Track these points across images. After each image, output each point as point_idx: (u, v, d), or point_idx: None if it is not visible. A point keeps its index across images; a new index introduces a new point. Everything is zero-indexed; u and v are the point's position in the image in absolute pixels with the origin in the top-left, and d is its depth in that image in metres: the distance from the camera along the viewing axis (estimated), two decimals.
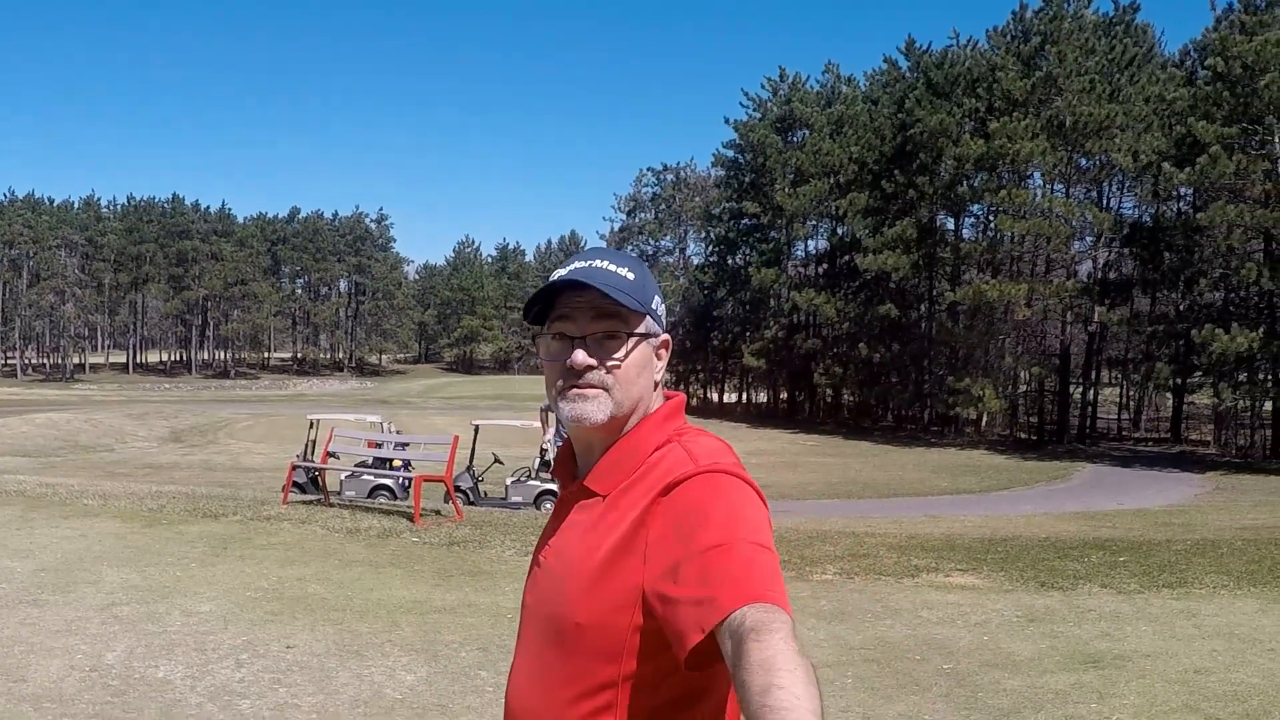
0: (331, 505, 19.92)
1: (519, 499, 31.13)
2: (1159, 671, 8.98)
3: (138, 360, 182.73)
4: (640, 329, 2.50)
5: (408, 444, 29.57)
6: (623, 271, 2.49)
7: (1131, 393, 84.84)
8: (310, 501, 21.59)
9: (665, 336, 2.59)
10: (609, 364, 2.45)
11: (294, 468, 21.87)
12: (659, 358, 2.58)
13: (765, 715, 1.81)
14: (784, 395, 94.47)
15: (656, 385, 2.57)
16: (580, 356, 2.45)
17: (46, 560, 12.89)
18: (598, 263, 2.52)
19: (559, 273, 2.54)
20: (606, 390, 2.45)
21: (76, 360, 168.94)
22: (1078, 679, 8.75)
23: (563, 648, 2.37)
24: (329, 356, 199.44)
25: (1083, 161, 68.68)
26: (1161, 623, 10.80)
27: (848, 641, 9.92)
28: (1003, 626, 10.58)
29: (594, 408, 2.45)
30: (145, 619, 10.26)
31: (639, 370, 2.49)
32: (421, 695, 8.43)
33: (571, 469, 2.66)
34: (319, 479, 22.87)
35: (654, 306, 2.53)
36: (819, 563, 13.34)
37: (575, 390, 2.46)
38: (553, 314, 2.53)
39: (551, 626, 2.42)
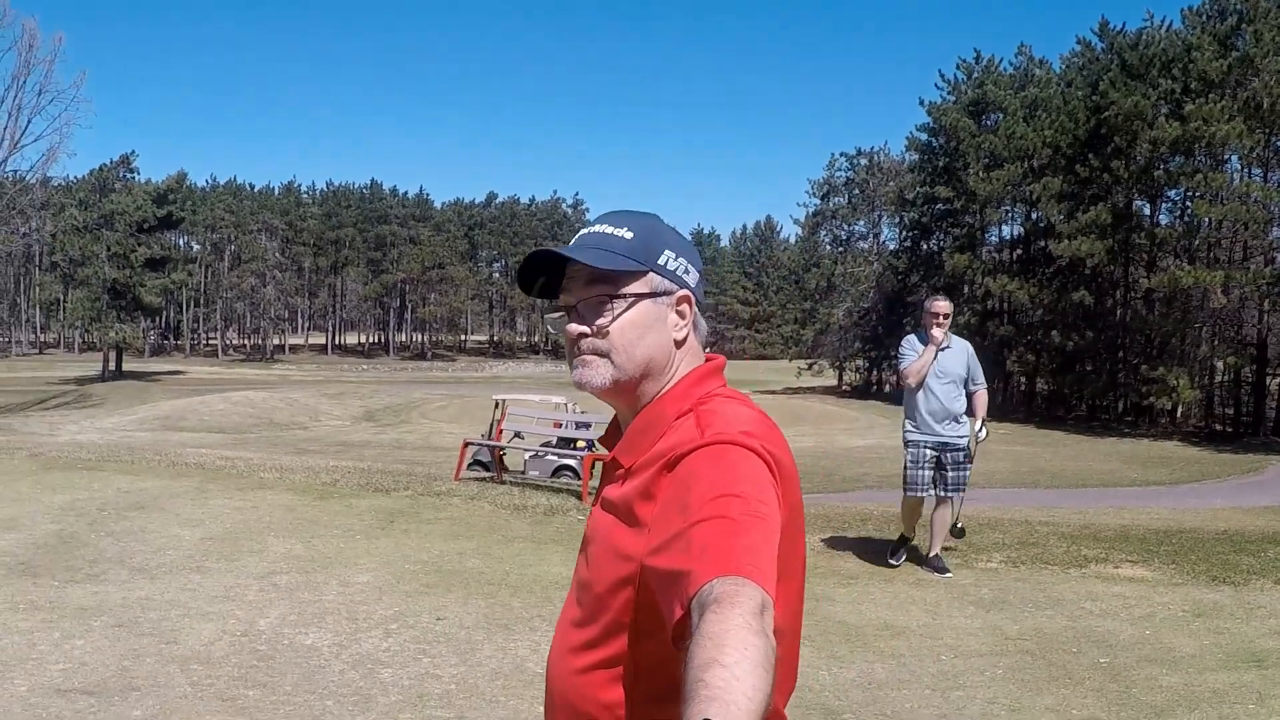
0: (504, 483, 20.06)
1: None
2: None
3: (336, 342, 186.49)
4: (637, 288, 2.46)
5: (590, 425, 29.74)
6: (620, 232, 2.49)
7: None
8: (484, 479, 21.75)
9: (683, 292, 2.51)
10: (598, 327, 2.45)
11: (466, 445, 21.99)
12: (682, 315, 2.51)
13: (697, 691, 1.72)
14: None
15: (681, 344, 2.51)
16: (572, 326, 2.49)
17: (215, 529, 13.19)
18: (598, 227, 2.54)
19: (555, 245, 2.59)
20: (605, 355, 2.46)
21: (276, 341, 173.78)
22: (1238, 678, 8.49)
23: (583, 618, 2.41)
24: (525, 340, 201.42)
25: None
26: None
27: (1004, 631, 9.81)
28: (1167, 621, 10.32)
29: (592, 373, 2.48)
30: (303, 588, 10.57)
31: (640, 331, 2.46)
32: None
33: (614, 439, 2.64)
34: (498, 457, 23.04)
35: (662, 262, 2.49)
36: (985, 550, 13.22)
37: (577, 358, 2.50)
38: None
39: (581, 596, 2.45)
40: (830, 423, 72.65)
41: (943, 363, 11.80)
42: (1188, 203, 71.62)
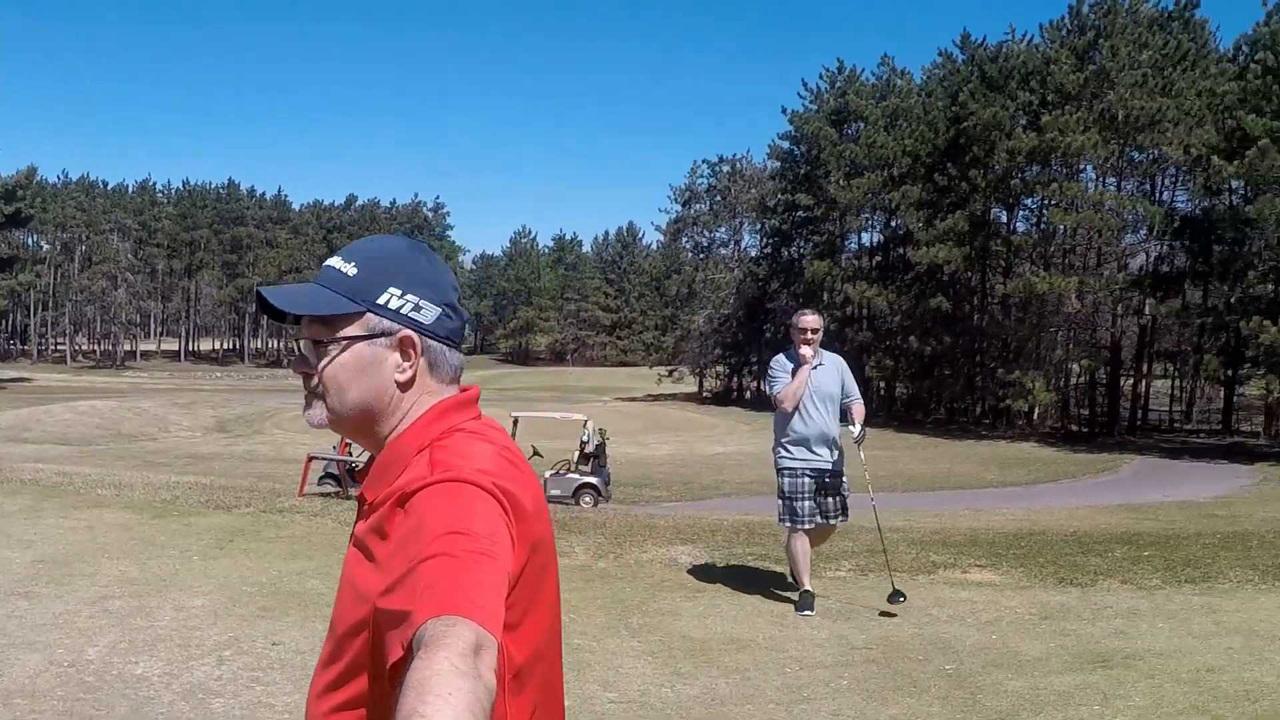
0: (349, 498, 19.26)
1: (558, 492, 31.07)
2: (1169, 671, 8.72)
3: (190, 348, 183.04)
4: (352, 329, 2.36)
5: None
6: (345, 268, 2.39)
7: (1182, 385, 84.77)
8: (329, 494, 21.38)
9: (405, 333, 2.36)
10: (314, 369, 2.40)
11: (310, 459, 21.86)
12: (406, 356, 2.37)
13: None
14: None
15: (406, 385, 2.40)
16: (295, 365, 2.47)
17: (47, 551, 12.54)
18: (332, 260, 2.44)
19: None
20: (320, 397, 2.40)
21: (127, 347, 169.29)
22: (1084, 679, 8.52)
23: (329, 657, 2.34)
24: None
25: (1134, 155, 68.99)
26: (1179, 620, 10.52)
27: (851, 641, 9.74)
28: (1013, 625, 10.37)
29: (313, 413, 2.44)
30: (135, 613, 10.02)
31: (351, 374, 2.37)
32: None
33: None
34: (344, 471, 22.80)
35: (382, 301, 2.36)
36: (835, 559, 13.10)
37: (305, 395, 2.46)
38: None
39: (329, 634, 2.36)
40: (690, 430, 72.75)
41: (817, 382, 11.01)
42: (1043, 211, 72.78)
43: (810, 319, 11.22)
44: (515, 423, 33.21)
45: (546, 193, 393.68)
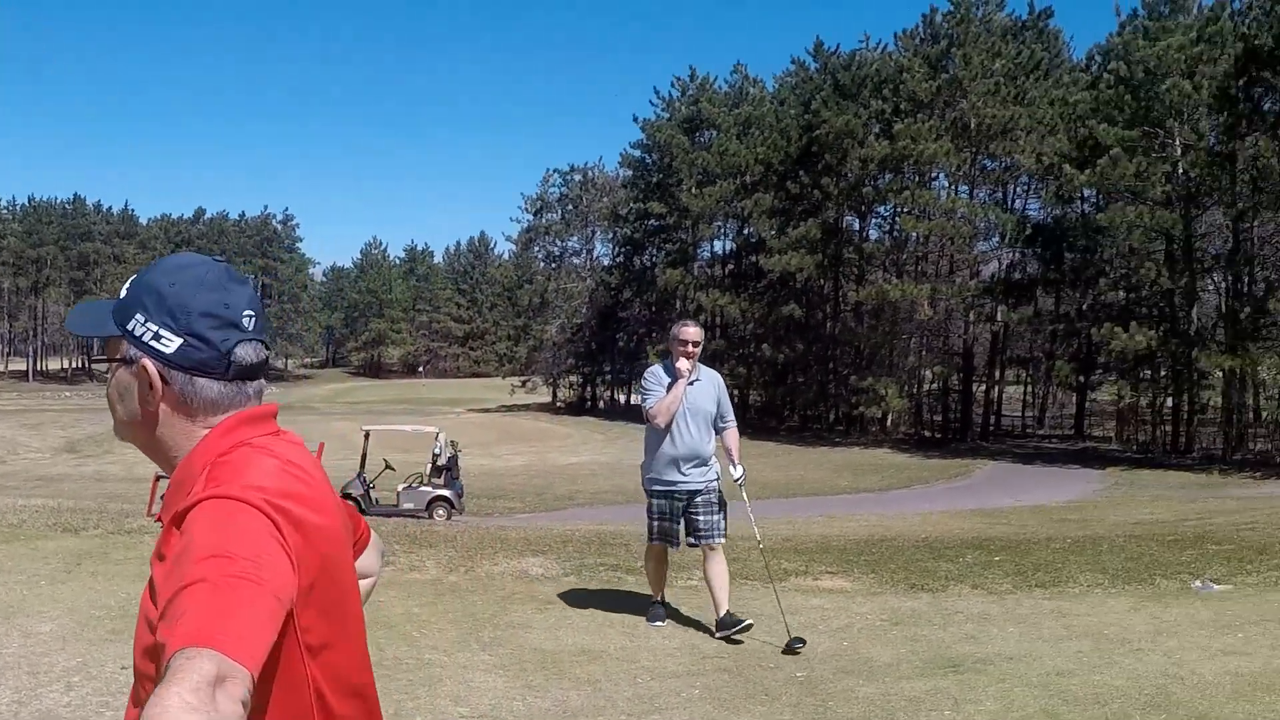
0: None
1: (411, 505, 31.45)
2: (1020, 675, 8.86)
3: (38, 368, 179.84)
4: (121, 353, 2.34)
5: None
6: (122, 291, 2.38)
7: (1035, 391, 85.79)
8: None
9: (143, 362, 2.29)
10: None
11: (158, 478, 21.23)
12: (147, 385, 2.31)
13: None
14: None
15: (166, 414, 2.33)
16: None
17: None
18: (128, 280, 2.42)
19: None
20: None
21: None
22: (935, 685, 8.59)
23: (134, 693, 2.25)
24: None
25: (987, 163, 69.82)
26: (1029, 624, 10.71)
27: (702, 650, 9.70)
28: (865, 631, 10.42)
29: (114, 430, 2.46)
30: None
31: (117, 397, 2.38)
32: None
33: None
34: None
35: (130, 328, 2.31)
36: (686, 568, 12.85)
37: None
38: None
39: (134, 667, 2.24)
40: (544, 440, 73.57)
41: (692, 398, 10.34)
42: (896, 218, 73.55)
43: (692, 330, 10.48)
44: (367, 436, 33.32)
45: (398, 203, 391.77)
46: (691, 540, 10.45)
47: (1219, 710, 7.88)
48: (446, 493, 32.51)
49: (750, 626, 9.93)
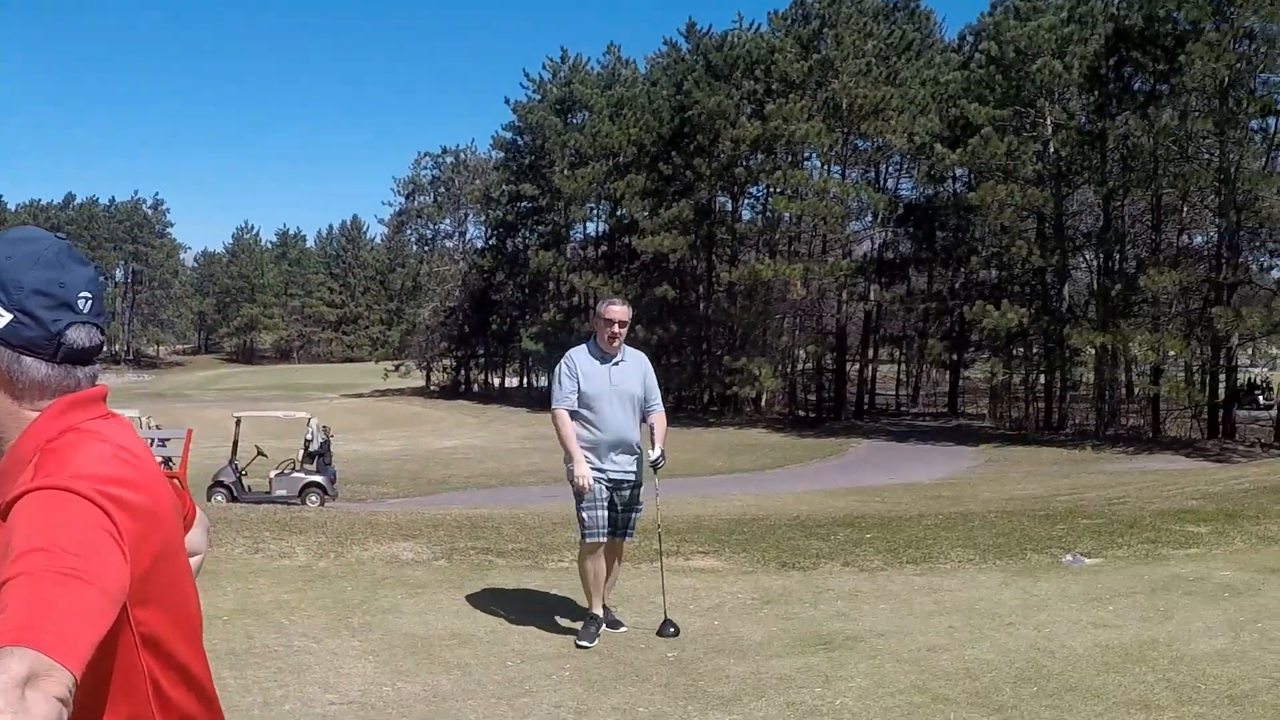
0: None
1: (283, 492, 31.41)
2: (891, 651, 8.87)
3: None
4: None
5: (168, 440, 28.82)
6: None
7: (908, 369, 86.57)
8: None
9: None
10: None
11: None
12: None
13: None
14: None
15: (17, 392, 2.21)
16: None
17: None
18: None
19: None
20: None
21: None
22: (805, 662, 8.56)
23: None
24: (106, 349, 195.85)
25: (859, 143, 70.27)
26: (900, 600, 10.73)
27: (573, 631, 9.53)
28: (736, 610, 10.36)
29: None
30: None
31: None
32: None
33: None
34: None
35: None
36: (558, 550, 12.97)
37: None
38: None
39: None
40: (417, 425, 73.69)
41: (617, 381, 9.67)
42: (769, 199, 73.55)
43: (618, 309, 9.74)
44: (238, 423, 33.21)
45: (269, 187, 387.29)
46: (615, 533, 9.80)
47: (1089, 682, 8.02)
48: (319, 479, 32.26)
49: (624, 630, 9.62)
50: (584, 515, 9.54)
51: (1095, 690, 7.82)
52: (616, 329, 9.57)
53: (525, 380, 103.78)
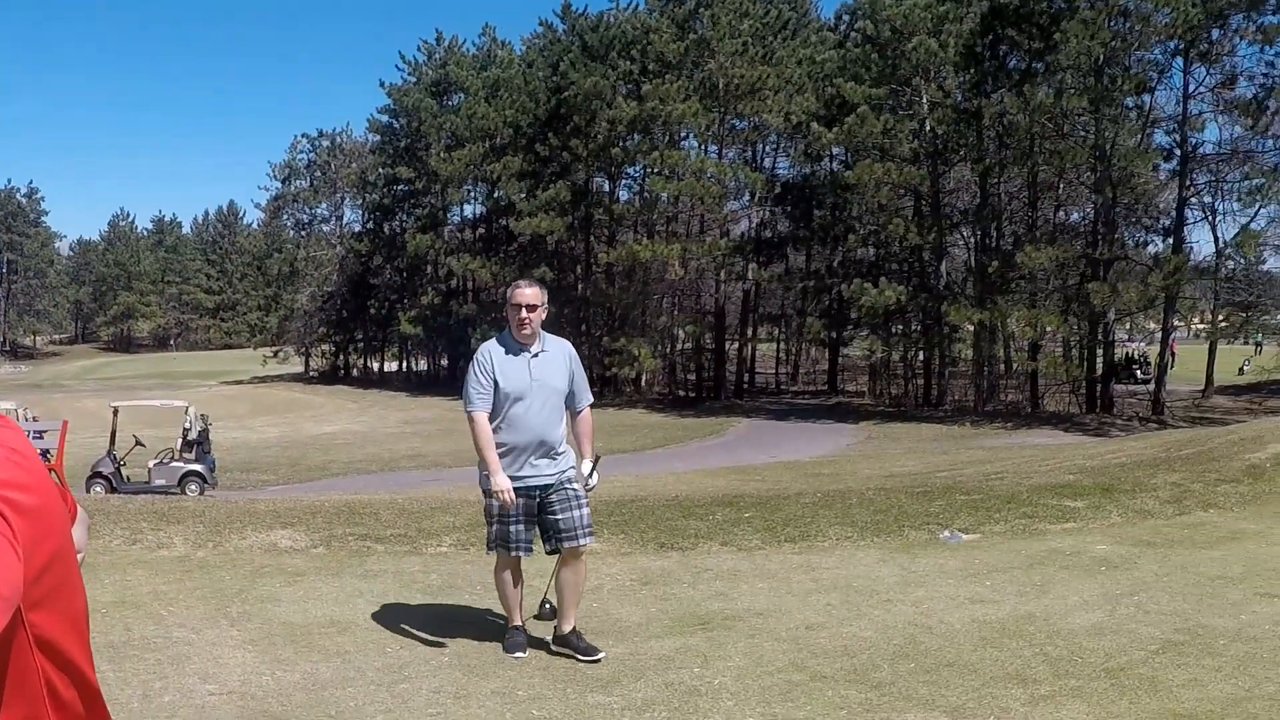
0: None
1: (162, 481, 31.39)
2: (769, 630, 8.95)
3: None
4: None
5: (45, 432, 28.52)
6: None
7: (788, 348, 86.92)
8: None
9: None
10: None
11: None
12: None
13: None
14: (444, 362, 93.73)
15: None
16: None
17: None
18: None
19: None
20: None
21: None
22: (684, 642, 8.65)
23: None
24: None
25: (736, 123, 70.07)
26: (778, 579, 10.79)
27: (452, 616, 9.54)
28: (615, 592, 10.41)
29: None
30: None
31: None
32: None
33: None
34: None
35: None
36: (436, 534, 12.87)
37: None
38: None
39: None
40: (297, 410, 73.10)
41: (539, 373, 8.48)
42: (646, 179, 73.60)
43: (527, 292, 8.49)
44: (116, 413, 32.98)
45: (144, 173, 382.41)
46: (550, 546, 8.58)
47: (966, 657, 8.13)
48: (198, 467, 32.08)
49: (601, 660, 8.37)
50: (497, 531, 8.57)
51: (972, 665, 7.89)
52: (525, 314, 8.39)
53: (404, 364, 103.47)
